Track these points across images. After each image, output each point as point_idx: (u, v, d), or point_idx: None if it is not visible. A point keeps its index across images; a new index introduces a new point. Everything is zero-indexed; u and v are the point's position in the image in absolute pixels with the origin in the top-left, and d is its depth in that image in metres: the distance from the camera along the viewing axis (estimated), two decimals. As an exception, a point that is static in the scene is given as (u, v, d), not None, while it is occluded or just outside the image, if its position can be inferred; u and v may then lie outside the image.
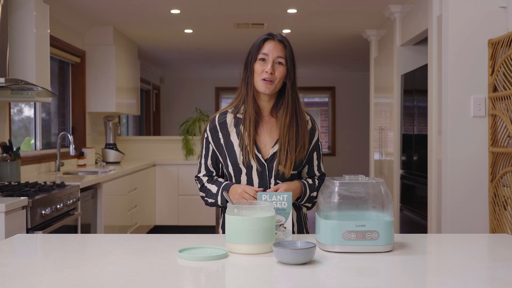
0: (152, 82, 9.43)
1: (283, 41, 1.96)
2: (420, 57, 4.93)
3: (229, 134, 1.97)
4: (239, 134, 1.95)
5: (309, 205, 2.01)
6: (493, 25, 3.42)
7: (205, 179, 2.03)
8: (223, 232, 2.00)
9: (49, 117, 5.25)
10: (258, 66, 1.92)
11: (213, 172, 2.04)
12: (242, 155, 1.92)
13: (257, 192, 1.83)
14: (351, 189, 1.67)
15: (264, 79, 1.91)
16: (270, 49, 1.92)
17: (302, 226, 2.03)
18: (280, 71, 1.92)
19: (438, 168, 3.73)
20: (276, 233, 1.74)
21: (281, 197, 1.76)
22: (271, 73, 1.90)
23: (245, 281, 1.38)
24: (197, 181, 2.08)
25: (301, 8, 5.15)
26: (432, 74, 3.87)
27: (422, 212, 4.29)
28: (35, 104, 4.75)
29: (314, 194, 1.99)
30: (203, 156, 2.04)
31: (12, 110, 4.21)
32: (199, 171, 2.06)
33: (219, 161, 2.01)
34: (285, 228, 1.76)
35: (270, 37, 1.96)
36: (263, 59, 1.92)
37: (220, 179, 2.02)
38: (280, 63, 1.92)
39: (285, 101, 1.95)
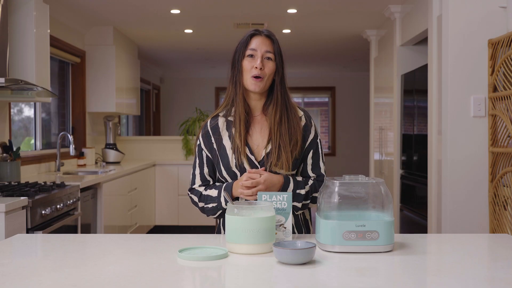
0: (152, 82, 9.44)
1: (271, 36, 1.90)
2: (420, 57, 4.93)
3: (222, 138, 1.91)
4: (231, 137, 1.89)
5: (298, 204, 1.89)
6: (493, 25, 3.42)
7: (201, 188, 1.95)
8: None
9: (49, 117, 5.25)
10: (246, 63, 1.87)
11: (209, 181, 1.96)
12: (235, 158, 1.86)
13: (249, 178, 1.80)
14: (351, 189, 1.67)
15: (253, 76, 1.85)
16: (258, 44, 1.87)
17: (301, 229, 1.98)
18: (269, 67, 1.87)
19: (438, 168, 3.73)
20: (276, 233, 1.74)
21: (281, 197, 1.75)
22: (260, 69, 1.85)
23: (245, 281, 1.38)
24: (191, 195, 1.96)
25: (301, 8, 5.15)
26: (432, 74, 3.87)
27: (422, 212, 4.29)
28: (35, 104, 4.75)
29: (302, 192, 1.89)
30: (197, 166, 1.96)
31: (12, 110, 4.21)
32: (193, 183, 1.96)
33: (215, 168, 1.95)
34: (285, 228, 1.76)
35: (257, 32, 1.90)
36: (252, 55, 1.87)
37: (218, 184, 1.95)
38: (269, 58, 1.87)
39: (274, 98, 1.90)
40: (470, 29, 3.45)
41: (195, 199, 1.95)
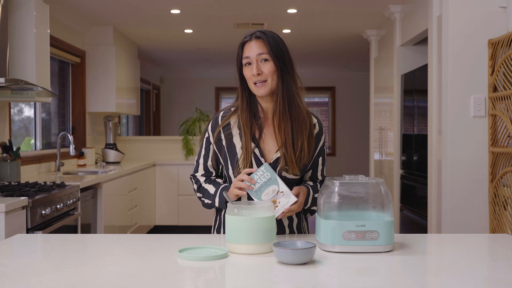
0: (152, 82, 9.44)
1: (261, 37, 1.83)
2: (420, 57, 4.93)
3: (232, 136, 1.90)
4: (241, 136, 1.88)
5: (315, 208, 1.92)
6: (493, 25, 3.42)
7: (202, 179, 1.97)
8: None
9: (49, 117, 5.25)
10: (246, 72, 1.85)
11: (212, 173, 1.98)
12: (244, 160, 1.85)
13: (249, 173, 1.81)
14: (351, 189, 1.67)
15: (255, 83, 1.84)
16: (250, 51, 1.84)
17: (302, 232, 1.99)
18: (267, 67, 1.82)
19: (438, 168, 3.73)
20: (278, 202, 1.77)
21: (260, 172, 1.79)
22: (258, 74, 1.82)
23: (245, 281, 1.38)
24: (192, 180, 2.00)
25: (301, 8, 5.15)
26: (432, 74, 3.87)
27: (422, 212, 4.29)
28: (35, 104, 4.75)
29: (317, 195, 1.91)
30: (202, 156, 1.97)
31: (12, 110, 4.21)
32: (196, 170, 1.99)
33: (220, 162, 1.95)
34: (282, 192, 1.77)
35: (247, 39, 1.86)
36: (248, 63, 1.85)
37: (219, 180, 1.96)
38: (265, 59, 1.82)
39: (276, 97, 1.86)
40: (470, 29, 3.45)
41: (195, 187, 1.99)
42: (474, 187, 3.46)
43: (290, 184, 1.87)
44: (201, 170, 1.98)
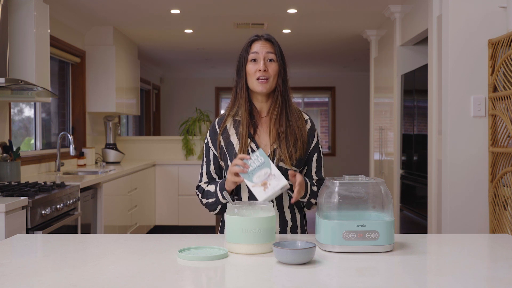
0: (152, 82, 9.44)
1: (270, 39, 1.97)
2: (420, 57, 4.93)
3: (229, 136, 1.97)
4: (238, 134, 1.95)
5: (314, 201, 1.96)
6: (493, 25, 3.42)
7: (205, 185, 2.00)
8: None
9: (49, 117, 5.25)
10: (250, 67, 1.94)
11: (215, 179, 2.01)
12: (242, 149, 1.91)
13: (242, 158, 1.83)
14: (351, 189, 1.67)
15: (258, 78, 1.92)
16: (259, 48, 1.94)
17: (304, 229, 2.02)
18: (272, 68, 1.93)
19: (438, 168, 3.73)
20: (269, 184, 1.78)
21: (254, 156, 1.81)
22: (264, 71, 1.91)
23: (245, 281, 1.38)
24: (197, 191, 2.03)
25: (301, 8, 5.16)
26: (432, 74, 3.87)
27: (422, 212, 4.29)
28: (35, 104, 4.75)
29: (315, 188, 1.96)
30: (204, 163, 2.02)
31: (12, 110, 4.21)
32: (200, 180, 2.03)
33: (222, 165, 1.99)
34: (274, 175, 1.79)
35: (257, 37, 1.98)
36: (254, 59, 1.94)
37: (218, 180, 2.00)
38: (271, 60, 1.94)
39: (275, 97, 1.96)
40: (470, 29, 3.45)
41: (200, 195, 2.02)
42: (474, 187, 3.46)
43: (287, 177, 1.89)
44: (204, 179, 2.03)
